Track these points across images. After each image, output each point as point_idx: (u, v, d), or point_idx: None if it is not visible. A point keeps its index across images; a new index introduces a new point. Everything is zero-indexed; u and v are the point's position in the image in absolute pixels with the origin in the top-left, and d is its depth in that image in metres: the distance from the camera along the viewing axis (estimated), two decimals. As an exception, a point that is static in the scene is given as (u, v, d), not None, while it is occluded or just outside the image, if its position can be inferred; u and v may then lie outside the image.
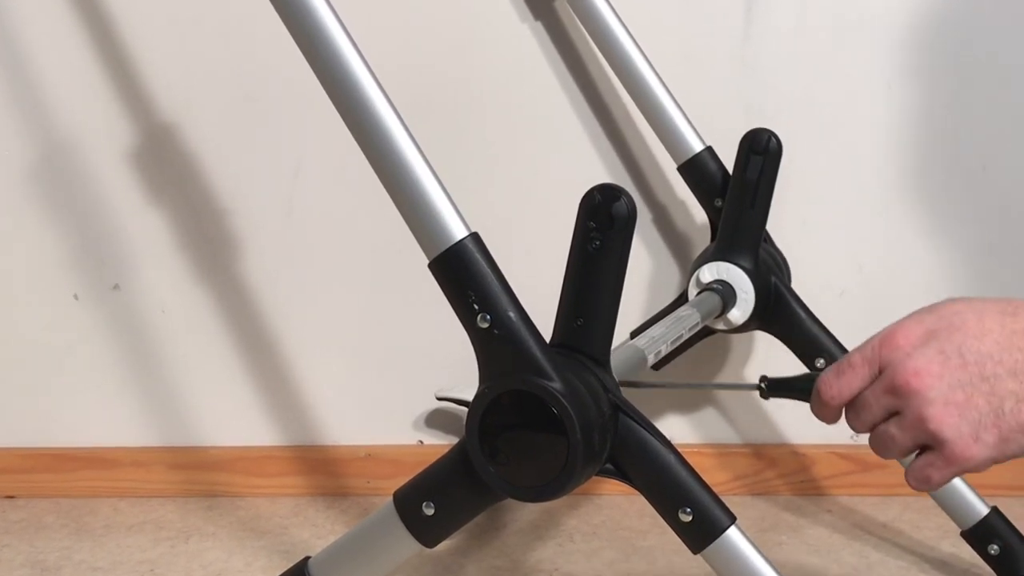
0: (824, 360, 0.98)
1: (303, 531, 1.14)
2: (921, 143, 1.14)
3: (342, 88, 0.67)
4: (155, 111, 1.16)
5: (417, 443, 1.22)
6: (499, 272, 0.65)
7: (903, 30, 1.12)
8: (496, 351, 0.65)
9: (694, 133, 1.04)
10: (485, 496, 0.69)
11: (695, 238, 1.17)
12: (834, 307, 1.13)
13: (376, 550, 0.72)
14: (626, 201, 0.64)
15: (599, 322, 0.67)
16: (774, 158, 0.98)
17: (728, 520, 0.66)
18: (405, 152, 0.66)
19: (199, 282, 1.19)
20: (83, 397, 1.22)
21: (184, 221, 1.18)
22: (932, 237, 1.16)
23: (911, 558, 1.06)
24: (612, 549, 1.08)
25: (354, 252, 1.18)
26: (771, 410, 1.21)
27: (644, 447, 0.67)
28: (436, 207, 0.66)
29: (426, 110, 1.10)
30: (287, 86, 1.14)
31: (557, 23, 1.15)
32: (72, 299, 1.20)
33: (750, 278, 0.99)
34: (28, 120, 1.17)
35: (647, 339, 0.87)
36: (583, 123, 1.16)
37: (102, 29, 1.15)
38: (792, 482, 1.21)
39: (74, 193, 1.18)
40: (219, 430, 1.22)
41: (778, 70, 1.13)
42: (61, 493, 1.23)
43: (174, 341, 1.20)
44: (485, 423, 0.66)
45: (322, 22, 0.67)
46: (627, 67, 1.04)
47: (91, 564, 1.07)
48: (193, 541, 1.11)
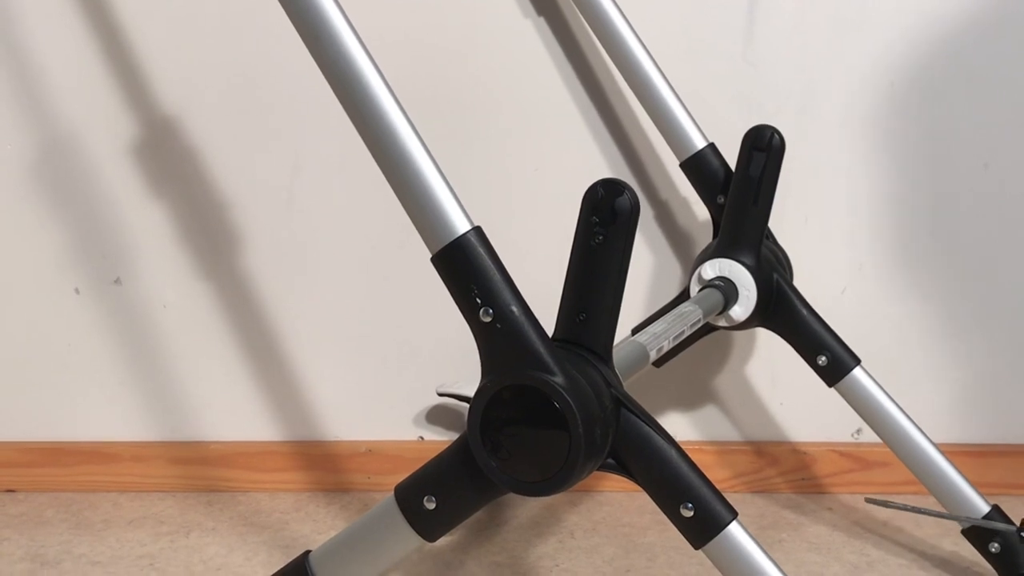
0: (826, 357, 0.98)
1: (303, 526, 1.14)
2: (923, 140, 1.14)
3: (346, 82, 0.67)
4: (156, 105, 1.16)
5: (418, 439, 1.22)
6: (502, 266, 0.65)
7: (905, 27, 1.11)
8: (498, 345, 0.65)
9: (697, 130, 1.03)
10: (487, 490, 0.69)
11: (697, 235, 1.17)
12: (836, 304, 1.13)
13: (377, 544, 0.72)
14: (629, 196, 0.64)
15: (601, 317, 0.67)
16: (777, 155, 0.98)
17: (729, 515, 0.66)
18: (409, 146, 0.66)
19: (200, 277, 1.19)
20: (83, 391, 1.22)
21: (185, 215, 1.18)
22: (934, 234, 1.16)
23: (911, 556, 1.06)
24: (613, 545, 1.08)
25: (355, 247, 1.18)
26: (772, 408, 1.21)
27: (646, 442, 0.67)
28: (439, 201, 0.66)
29: (429, 105, 1.10)
30: (288, 80, 1.14)
31: (560, 19, 1.15)
32: (73, 293, 1.20)
33: (752, 275, 0.99)
34: (28, 115, 1.17)
35: (649, 335, 0.87)
36: (586, 119, 1.16)
37: (102, 24, 1.15)
38: (793, 480, 1.21)
39: (75, 188, 1.18)
40: (220, 425, 1.22)
41: (781, 66, 1.13)
42: (61, 487, 1.23)
43: (175, 336, 1.20)
44: (487, 417, 0.66)
45: (327, 17, 0.67)
46: (630, 63, 1.04)
47: (91, 558, 1.07)
48: (193, 536, 1.11)
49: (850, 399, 0.99)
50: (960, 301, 1.17)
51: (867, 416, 0.99)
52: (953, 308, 1.17)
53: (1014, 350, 1.18)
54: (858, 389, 0.99)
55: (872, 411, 0.99)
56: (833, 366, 0.99)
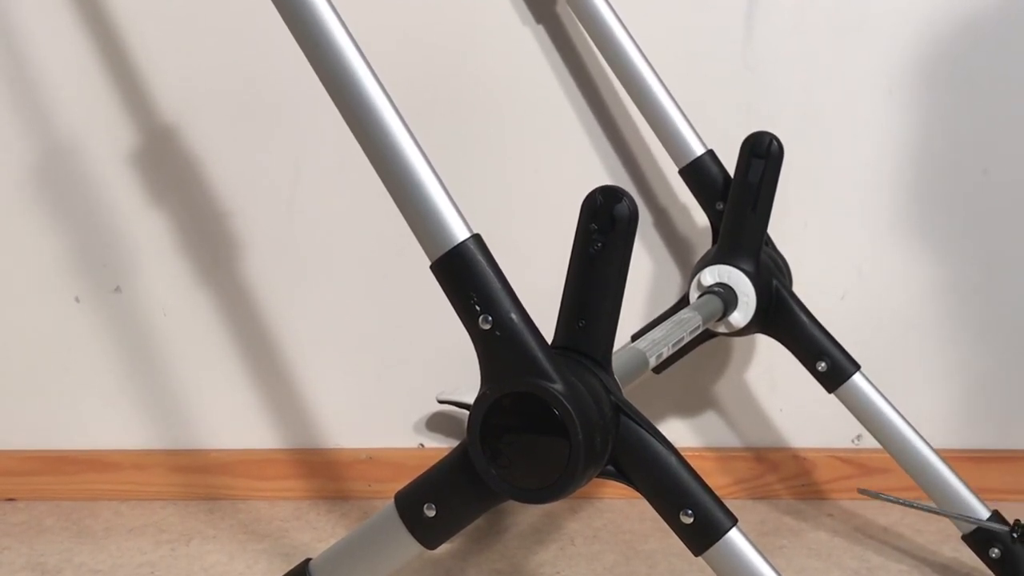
0: (826, 363, 0.99)
1: (304, 534, 1.13)
2: (922, 146, 1.14)
3: (345, 90, 0.67)
4: (156, 113, 1.16)
5: (418, 446, 1.22)
6: (501, 274, 0.65)
7: (905, 33, 1.12)
8: (498, 353, 0.65)
9: (695, 136, 1.04)
10: (487, 498, 0.69)
11: (696, 241, 1.18)
12: (835, 310, 1.13)
13: (377, 552, 0.72)
14: (628, 203, 0.64)
15: (601, 324, 0.67)
16: (776, 161, 0.98)
17: (730, 522, 0.66)
18: (408, 154, 0.66)
19: (200, 284, 1.19)
20: (84, 399, 1.22)
21: (185, 223, 1.18)
22: (932, 240, 1.16)
23: (912, 562, 1.06)
24: (613, 552, 1.08)
25: (355, 254, 1.18)
26: (772, 414, 1.21)
27: (645, 449, 0.67)
28: (438, 209, 0.66)
29: (429, 113, 1.11)
30: (288, 87, 1.14)
31: (559, 26, 1.15)
32: (73, 301, 1.20)
33: (751, 281, 0.99)
34: (28, 122, 1.17)
35: (648, 342, 0.87)
36: (585, 126, 1.16)
37: (103, 31, 1.15)
38: (793, 486, 1.21)
39: (75, 195, 1.18)
40: (220, 433, 1.22)
41: (779, 73, 1.13)
42: (62, 496, 1.23)
43: (175, 344, 1.20)
44: (487, 425, 0.66)
45: (325, 24, 0.67)
46: (628, 70, 1.04)
47: (92, 567, 1.07)
48: (194, 544, 1.11)
49: (850, 405, 0.99)
50: (960, 307, 1.17)
51: (867, 422, 0.99)
52: (953, 314, 1.17)
53: (1014, 356, 1.18)
54: (858, 395, 0.99)
55: (872, 417, 0.99)
56: (833, 372, 0.99)
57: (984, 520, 0.97)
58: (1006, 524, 0.97)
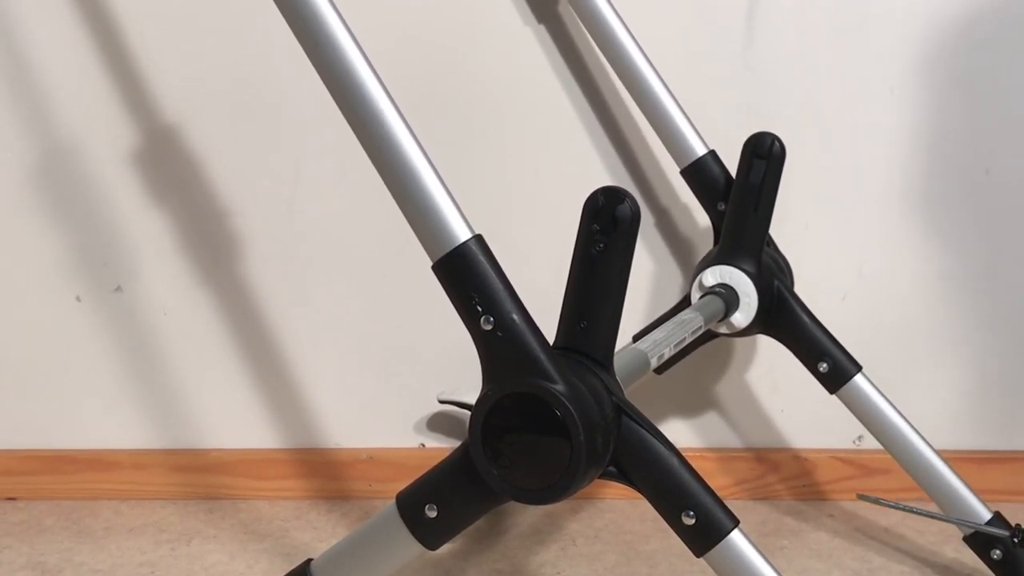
0: (827, 364, 0.98)
1: (304, 534, 1.13)
2: (923, 147, 1.14)
3: (346, 90, 0.67)
4: (156, 113, 1.16)
5: (419, 446, 1.22)
6: (503, 274, 0.65)
7: (906, 33, 1.12)
8: (499, 353, 0.65)
9: (697, 137, 1.03)
10: (488, 498, 0.69)
11: (698, 242, 1.17)
12: (836, 311, 1.13)
13: (378, 552, 0.72)
14: (630, 204, 0.64)
15: (602, 324, 0.67)
16: (777, 162, 0.98)
17: (731, 523, 0.66)
18: (409, 154, 0.66)
19: (201, 284, 1.19)
20: (84, 399, 1.22)
21: (186, 222, 1.18)
22: (934, 241, 1.16)
23: (913, 563, 1.06)
24: (614, 553, 1.08)
25: (356, 254, 1.18)
26: (773, 415, 1.20)
27: (647, 449, 0.67)
28: (440, 209, 0.66)
29: (430, 113, 1.11)
30: (288, 87, 1.14)
31: (560, 27, 1.15)
32: (74, 301, 1.20)
33: (753, 282, 0.99)
34: (29, 122, 1.17)
35: (650, 342, 0.87)
36: (586, 126, 1.16)
37: (103, 31, 1.15)
38: (794, 487, 1.20)
39: (76, 195, 1.18)
40: (220, 432, 1.22)
41: (780, 73, 1.13)
42: (62, 495, 1.23)
43: (176, 343, 1.20)
44: (488, 425, 0.66)
45: (327, 24, 0.67)
46: (630, 70, 1.04)
47: (92, 566, 1.07)
48: (194, 544, 1.11)
49: (851, 406, 0.99)
50: (962, 308, 1.17)
51: (868, 423, 0.99)
52: (954, 315, 1.17)
53: (1016, 357, 1.18)
54: (859, 396, 0.99)
55: (873, 418, 0.99)
56: (834, 373, 0.99)
57: (985, 522, 0.97)
58: (1007, 526, 0.97)
